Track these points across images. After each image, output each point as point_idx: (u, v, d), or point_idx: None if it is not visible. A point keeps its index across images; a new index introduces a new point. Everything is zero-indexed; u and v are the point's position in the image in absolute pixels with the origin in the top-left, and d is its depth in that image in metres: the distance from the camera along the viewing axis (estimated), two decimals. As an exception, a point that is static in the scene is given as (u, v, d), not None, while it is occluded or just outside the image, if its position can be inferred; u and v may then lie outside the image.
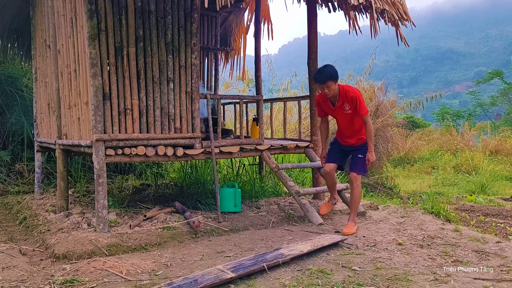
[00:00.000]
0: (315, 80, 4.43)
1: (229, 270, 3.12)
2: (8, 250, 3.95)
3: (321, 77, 4.31)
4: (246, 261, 3.31)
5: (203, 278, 2.97)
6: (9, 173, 7.32)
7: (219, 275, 3.02)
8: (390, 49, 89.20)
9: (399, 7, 4.97)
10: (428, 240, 4.09)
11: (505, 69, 28.63)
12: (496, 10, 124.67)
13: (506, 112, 25.01)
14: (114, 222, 4.56)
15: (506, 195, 8.79)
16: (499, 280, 3.06)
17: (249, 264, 3.25)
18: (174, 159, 4.72)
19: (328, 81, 4.29)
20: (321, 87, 4.36)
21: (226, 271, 3.09)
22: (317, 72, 4.42)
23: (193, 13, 4.77)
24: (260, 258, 3.40)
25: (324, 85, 4.31)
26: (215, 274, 3.05)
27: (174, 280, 2.96)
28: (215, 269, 3.16)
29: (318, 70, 4.42)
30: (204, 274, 3.06)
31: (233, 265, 3.23)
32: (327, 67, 4.37)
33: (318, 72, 4.38)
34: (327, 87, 4.32)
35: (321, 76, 4.31)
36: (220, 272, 3.08)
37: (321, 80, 4.31)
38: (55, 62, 5.37)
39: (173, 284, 2.88)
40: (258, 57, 7.38)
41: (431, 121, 25.36)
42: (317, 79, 4.37)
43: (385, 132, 11.36)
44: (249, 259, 3.38)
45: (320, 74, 4.33)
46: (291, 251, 3.57)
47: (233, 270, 3.12)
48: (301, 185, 7.48)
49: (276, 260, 3.34)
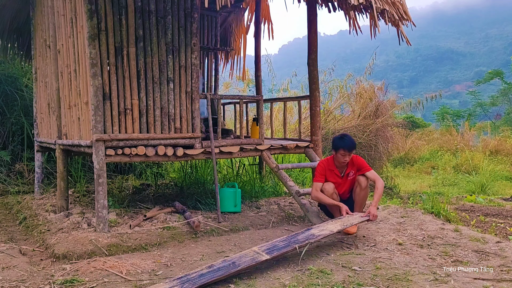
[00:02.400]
0: (344, 147, 4.24)
1: (264, 252, 3.26)
2: (8, 250, 3.95)
3: (352, 145, 4.24)
4: (279, 243, 3.43)
5: (240, 260, 3.13)
6: (9, 173, 7.32)
7: (255, 257, 3.17)
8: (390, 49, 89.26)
9: (399, 7, 4.96)
10: (428, 240, 4.09)
11: (505, 69, 28.60)
12: (496, 10, 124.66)
13: (506, 112, 25.00)
14: (114, 222, 4.56)
15: (506, 195, 8.78)
16: (499, 280, 3.06)
17: (282, 245, 3.36)
18: (174, 159, 4.72)
19: (354, 150, 4.29)
20: (344, 155, 4.27)
21: (261, 253, 3.24)
22: (346, 138, 4.29)
23: (193, 13, 4.77)
24: (292, 239, 3.49)
25: (351, 153, 4.28)
26: (251, 256, 3.19)
27: (214, 263, 3.12)
28: (250, 251, 3.30)
29: (348, 137, 4.31)
30: (241, 256, 3.21)
31: (267, 246, 3.36)
32: (349, 136, 4.34)
33: (348, 139, 4.29)
34: (349, 155, 4.30)
35: (352, 143, 4.24)
36: (255, 254, 3.22)
37: (351, 147, 4.24)
38: (55, 62, 5.37)
39: (213, 267, 3.05)
40: (258, 57, 7.38)
41: (431, 121, 25.36)
42: (347, 146, 4.24)
43: (385, 132, 11.36)
44: (281, 240, 3.49)
45: (351, 141, 4.26)
46: (321, 231, 3.65)
47: (268, 252, 3.26)
48: (301, 185, 7.48)
49: (307, 241, 3.45)
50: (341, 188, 4.47)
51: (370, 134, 10.96)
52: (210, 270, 3.02)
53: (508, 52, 66.80)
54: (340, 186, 4.46)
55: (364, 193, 4.39)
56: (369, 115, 11.36)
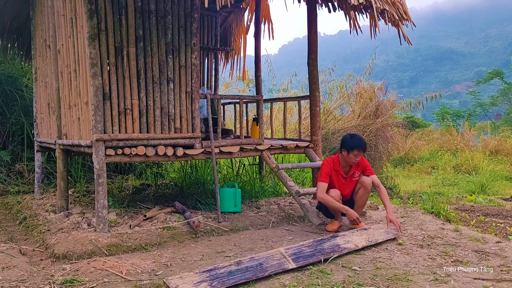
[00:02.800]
0: (359, 147, 4.24)
1: (290, 257, 3.30)
2: (8, 250, 3.95)
3: (365, 144, 4.26)
4: (305, 248, 3.47)
5: (268, 262, 3.17)
6: (9, 173, 7.32)
7: (282, 263, 3.22)
8: (390, 49, 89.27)
9: (399, 7, 4.97)
10: (428, 240, 4.09)
11: (505, 69, 28.60)
12: (496, 10, 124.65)
13: (506, 112, 25.00)
14: (114, 222, 4.56)
15: (506, 195, 8.78)
16: (499, 280, 3.06)
17: (308, 253, 3.41)
18: (174, 159, 4.72)
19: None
20: (358, 155, 4.26)
21: (287, 258, 3.28)
22: (359, 138, 4.31)
23: (193, 13, 4.77)
24: (318, 246, 3.53)
25: (364, 152, 4.28)
26: (278, 260, 3.23)
27: (242, 259, 3.18)
28: (277, 252, 3.33)
29: (359, 136, 4.33)
30: (268, 257, 3.24)
31: (293, 251, 3.39)
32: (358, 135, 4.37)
33: (360, 138, 4.31)
34: (361, 155, 4.30)
35: (365, 142, 4.26)
36: (282, 259, 3.26)
37: (365, 146, 4.26)
38: (55, 62, 5.37)
39: (242, 264, 3.10)
40: (258, 57, 7.39)
41: (431, 121, 25.35)
42: (362, 146, 4.24)
43: (385, 132, 11.35)
44: (307, 245, 3.52)
45: (363, 140, 4.27)
46: (347, 242, 3.71)
47: (294, 258, 3.30)
48: (301, 185, 7.48)
49: (332, 253, 3.49)
50: (344, 189, 4.45)
51: (370, 134, 10.96)
52: (239, 269, 3.03)
53: (508, 52, 66.80)
54: (343, 187, 4.44)
55: (367, 195, 4.41)
56: (369, 115, 11.36)
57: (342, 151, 4.35)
